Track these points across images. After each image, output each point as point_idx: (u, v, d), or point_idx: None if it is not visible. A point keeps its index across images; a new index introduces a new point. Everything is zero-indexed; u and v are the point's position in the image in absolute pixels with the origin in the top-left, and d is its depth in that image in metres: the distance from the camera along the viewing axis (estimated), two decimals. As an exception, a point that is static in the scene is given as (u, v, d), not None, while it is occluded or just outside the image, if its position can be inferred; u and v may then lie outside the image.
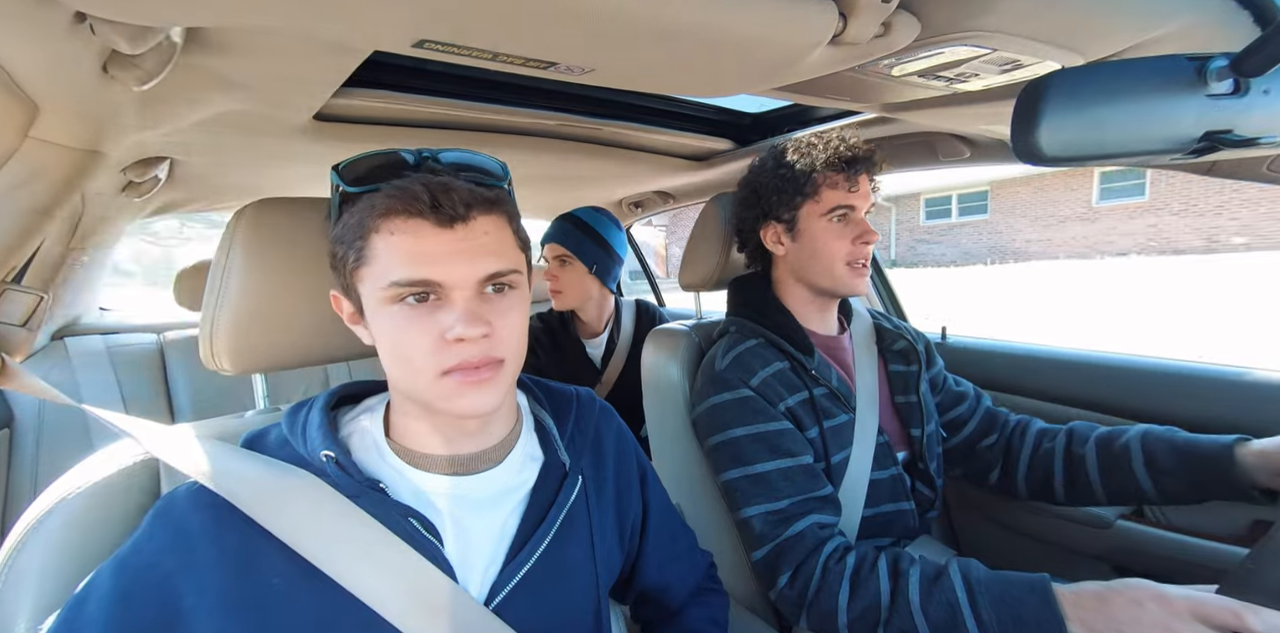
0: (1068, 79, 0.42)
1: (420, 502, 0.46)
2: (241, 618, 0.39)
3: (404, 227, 0.42)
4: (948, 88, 0.72)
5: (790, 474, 0.73)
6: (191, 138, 0.89)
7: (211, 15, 0.46)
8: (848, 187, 0.80)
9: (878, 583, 0.64)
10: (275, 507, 0.42)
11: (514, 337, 0.46)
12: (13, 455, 1.22)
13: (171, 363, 1.44)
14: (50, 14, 0.41)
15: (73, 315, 1.46)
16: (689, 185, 1.68)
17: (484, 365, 0.43)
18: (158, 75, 0.54)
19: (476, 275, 0.43)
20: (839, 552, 0.69)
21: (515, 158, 1.26)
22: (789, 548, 0.70)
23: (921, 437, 0.86)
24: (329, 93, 0.79)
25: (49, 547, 0.45)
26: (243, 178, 1.22)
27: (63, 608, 0.38)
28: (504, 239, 0.46)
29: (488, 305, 0.44)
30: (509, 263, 0.45)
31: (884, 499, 0.81)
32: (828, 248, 0.81)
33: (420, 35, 0.51)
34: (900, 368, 0.90)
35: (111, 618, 0.37)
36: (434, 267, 0.42)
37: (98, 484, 0.48)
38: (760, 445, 0.75)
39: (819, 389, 0.81)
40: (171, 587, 0.38)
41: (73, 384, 1.31)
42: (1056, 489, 0.83)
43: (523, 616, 0.47)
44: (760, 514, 0.73)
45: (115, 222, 1.28)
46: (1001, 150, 1.03)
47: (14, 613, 0.43)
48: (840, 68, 0.63)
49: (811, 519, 0.71)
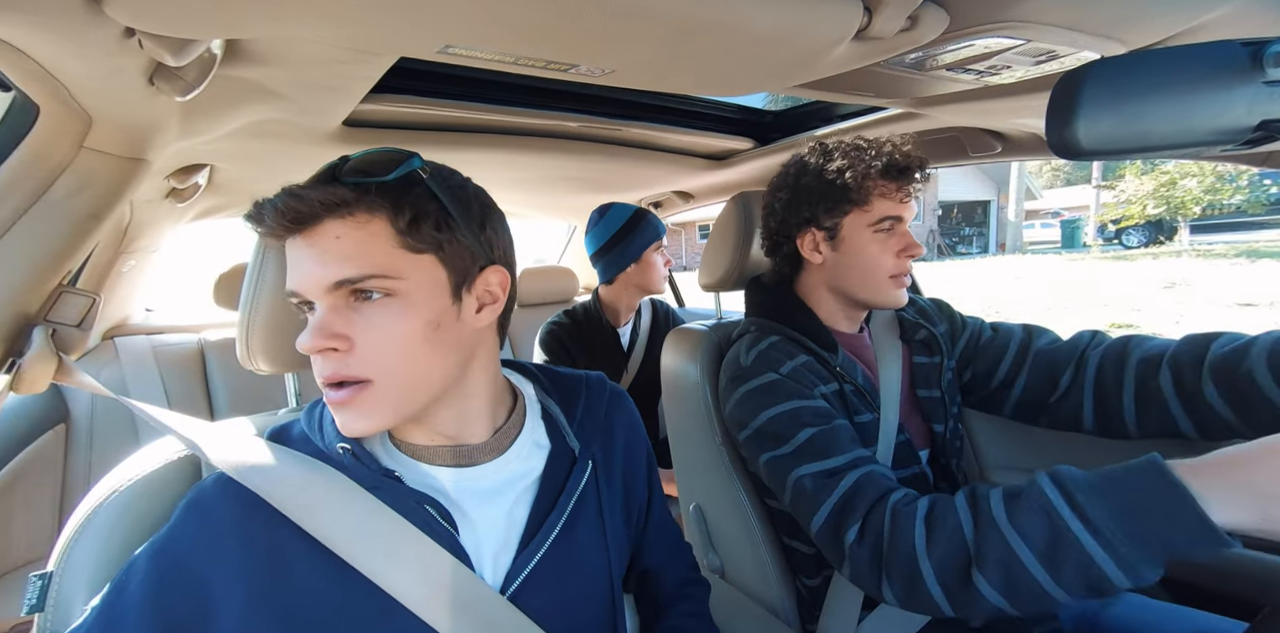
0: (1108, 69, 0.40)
1: (431, 492, 0.47)
2: (267, 606, 0.40)
3: (278, 239, 0.43)
4: (978, 81, 0.70)
5: (830, 435, 0.69)
6: (229, 145, 0.93)
7: (250, 27, 0.48)
8: (900, 197, 0.75)
9: (956, 516, 0.55)
10: (300, 499, 0.43)
11: (386, 352, 0.41)
12: (69, 449, 1.29)
13: (210, 362, 1.50)
14: (103, 30, 0.43)
15: (121, 316, 1.54)
16: (708, 185, 1.67)
17: (338, 385, 0.41)
18: (199, 86, 0.56)
19: (321, 283, 0.40)
20: (908, 497, 0.62)
21: (536, 160, 1.27)
22: (849, 500, 0.63)
23: (944, 432, 0.84)
24: (357, 99, 0.82)
25: (102, 536, 0.48)
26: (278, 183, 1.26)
27: (105, 591, 0.40)
28: (365, 242, 0.40)
29: (353, 315, 0.41)
30: (368, 267, 0.40)
31: None
32: (873, 260, 0.77)
33: (445, 41, 0.52)
34: (924, 360, 0.87)
35: (147, 602, 0.38)
36: (293, 276, 0.42)
37: (144, 478, 0.50)
38: (797, 420, 0.71)
39: (845, 386, 0.79)
40: (201, 575, 0.40)
41: (121, 382, 1.38)
42: (1183, 431, 0.69)
43: (538, 604, 0.47)
44: (810, 474, 0.67)
45: (159, 226, 1.34)
46: (1035, 144, 0.99)
47: (73, 596, 0.46)
48: (865, 63, 0.62)
49: (868, 468, 0.65)
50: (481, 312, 0.47)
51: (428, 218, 0.42)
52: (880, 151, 0.75)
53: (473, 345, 0.47)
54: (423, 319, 0.42)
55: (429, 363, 0.43)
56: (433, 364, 0.43)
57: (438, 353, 0.44)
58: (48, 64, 0.46)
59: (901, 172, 0.74)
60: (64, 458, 1.29)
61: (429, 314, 0.42)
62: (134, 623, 0.38)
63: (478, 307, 0.47)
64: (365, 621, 0.42)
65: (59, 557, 0.47)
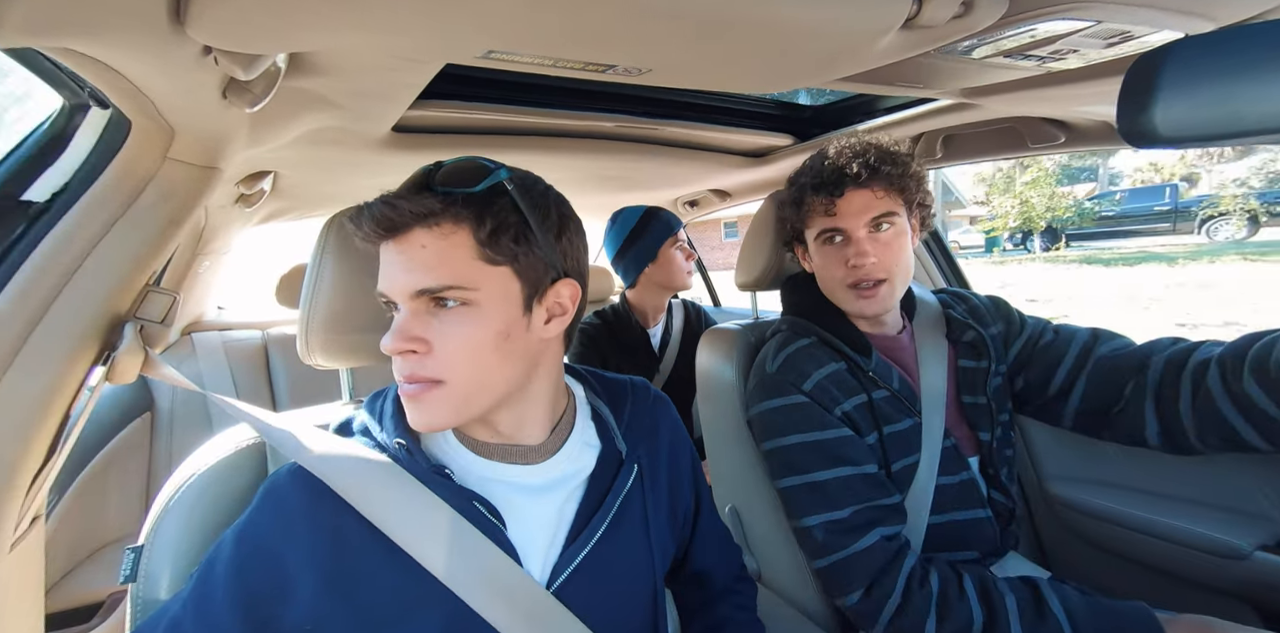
0: (1191, 48, 0.37)
1: (484, 487, 0.48)
2: (334, 587, 0.42)
3: (371, 244, 0.45)
4: (1039, 67, 0.66)
5: (850, 483, 0.70)
6: (290, 152, 0.99)
7: (312, 40, 0.52)
8: (825, 209, 0.75)
9: (969, 610, 0.60)
10: (361, 488, 0.45)
11: (460, 357, 0.43)
12: (154, 435, 1.42)
13: (273, 357, 1.60)
14: (184, 50, 0.47)
15: (197, 313, 1.67)
16: (746, 183, 1.65)
17: (416, 383, 0.43)
18: (265, 97, 0.61)
19: (405, 290, 0.43)
20: (918, 571, 0.65)
21: (574, 161, 1.29)
22: (857, 563, 0.67)
23: (991, 440, 0.79)
24: (406, 105, 0.85)
25: (183, 515, 0.52)
26: (334, 188, 1.34)
27: (197, 568, 0.44)
28: (446, 252, 0.42)
29: (432, 320, 0.43)
30: (447, 279, 0.42)
31: (954, 506, 0.76)
32: (825, 272, 0.79)
33: (488, 46, 0.54)
34: (970, 364, 0.83)
35: (232, 579, 0.42)
36: (382, 279, 0.45)
37: (219, 463, 0.55)
38: (816, 454, 0.72)
39: (878, 392, 0.77)
40: (278, 557, 0.42)
41: (197, 375, 1.50)
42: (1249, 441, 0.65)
43: (582, 600, 0.48)
44: (821, 524, 0.70)
45: (229, 230, 1.45)
46: (1104, 133, 0.92)
47: (160, 568, 0.50)
48: (912, 53, 0.59)
49: (878, 533, 0.68)
50: (550, 323, 0.48)
51: (507, 230, 0.44)
52: (813, 165, 0.77)
53: (538, 354, 0.49)
54: (494, 329, 0.44)
55: (496, 370, 0.45)
56: (500, 371, 0.45)
57: (506, 361, 0.45)
58: (138, 82, 0.50)
59: (828, 186, 0.74)
60: (149, 443, 1.41)
61: (500, 324, 0.44)
62: (222, 597, 0.41)
63: (547, 318, 0.48)
64: (421, 606, 0.44)
65: (148, 533, 0.52)
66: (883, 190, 0.74)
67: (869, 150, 0.74)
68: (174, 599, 0.43)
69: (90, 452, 1.27)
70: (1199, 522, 0.88)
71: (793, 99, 1.29)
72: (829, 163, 0.75)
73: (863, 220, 0.74)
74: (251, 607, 0.41)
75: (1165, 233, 11.30)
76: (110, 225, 0.61)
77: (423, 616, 0.44)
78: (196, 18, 0.42)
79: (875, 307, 0.76)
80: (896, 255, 0.75)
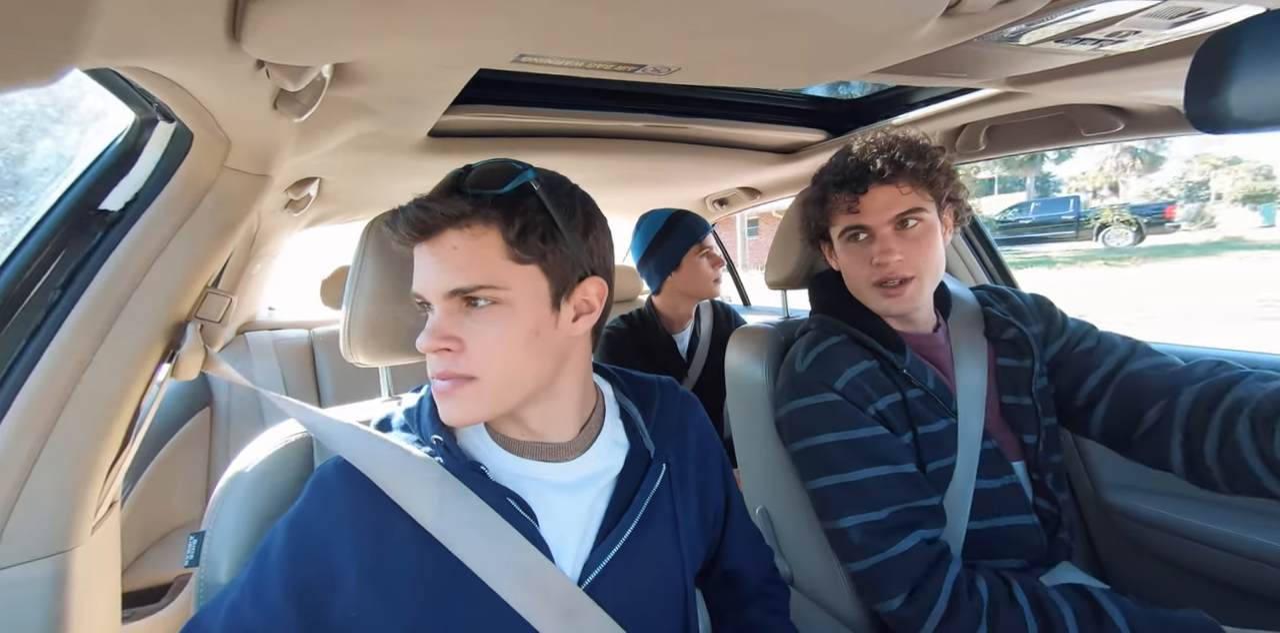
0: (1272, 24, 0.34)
1: (516, 484, 0.49)
2: (375, 579, 0.44)
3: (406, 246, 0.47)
4: (1095, 51, 0.62)
5: (888, 482, 0.68)
6: (334, 159, 1.03)
7: (355, 51, 0.54)
8: (848, 206, 0.73)
9: (1022, 619, 0.58)
10: (400, 482, 0.47)
11: (492, 355, 0.44)
12: (213, 429, 1.51)
13: (319, 355, 1.68)
14: (240, 64, 0.50)
15: (250, 313, 1.77)
16: (777, 180, 1.62)
17: (449, 379, 0.45)
18: (312, 107, 0.64)
19: (439, 290, 0.44)
20: (965, 578, 0.63)
21: (602, 161, 1.30)
22: (897, 566, 0.65)
23: (1037, 444, 0.75)
24: (440, 111, 0.88)
25: (239, 503, 0.56)
26: (375, 192, 1.40)
27: (253, 555, 0.46)
28: (477, 253, 0.44)
29: (464, 319, 0.44)
30: (478, 279, 0.43)
31: (996, 511, 0.73)
32: (850, 270, 0.77)
33: (519, 50, 0.55)
34: (1011, 363, 0.79)
35: (284, 565, 0.44)
36: (417, 280, 0.46)
37: (271, 456, 0.58)
38: (851, 452, 0.70)
39: (912, 391, 0.74)
40: (326, 546, 0.44)
41: (250, 372, 1.58)
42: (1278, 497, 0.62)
43: (613, 598, 0.48)
44: (858, 525, 0.68)
45: (279, 234, 1.53)
46: (1168, 119, 0.86)
47: (220, 553, 0.54)
48: (954, 42, 0.57)
49: (918, 535, 0.66)
50: (578, 320, 0.49)
51: (535, 229, 0.45)
52: (835, 162, 0.75)
53: (566, 351, 0.50)
54: (524, 327, 0.45)
55: (526, 366, 0.46)
56: (529, 368, 0.47)
57: (535, 358, 0.46)
58: (199, 96, 0.54)
59: (851, 183, 0.72)
60: (209, 436, 1.51)
61: (530, 322, 0.45)
62: (275, 584, 0.43)
63: (574, 315, 0.49)
64: (459, 600, 0.45)
65: (208, 520, 0.55)
66: (909, 186, 0.72)
67: (894, 145, 0.72)
68: (232, 584, 0.46)
69: (157, 444, 1.37)
70: (1265, 532, 0.82)
71: (826, 93, 1.26)
72: (852, 159, 0.73)
73: (887, 217, 0.72)
74: (303, 593, 0.43)
75: (1070, 240, 12.96)
76: (175, 232, 0.66)
77: (461, 610, 0.45)
78: (251, 34, 0.44)
79: (901, 305, 0.74)
80: (925, 252, 0.72)
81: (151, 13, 0.37)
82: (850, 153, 0.74)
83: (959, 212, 0.78)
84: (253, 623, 0.42)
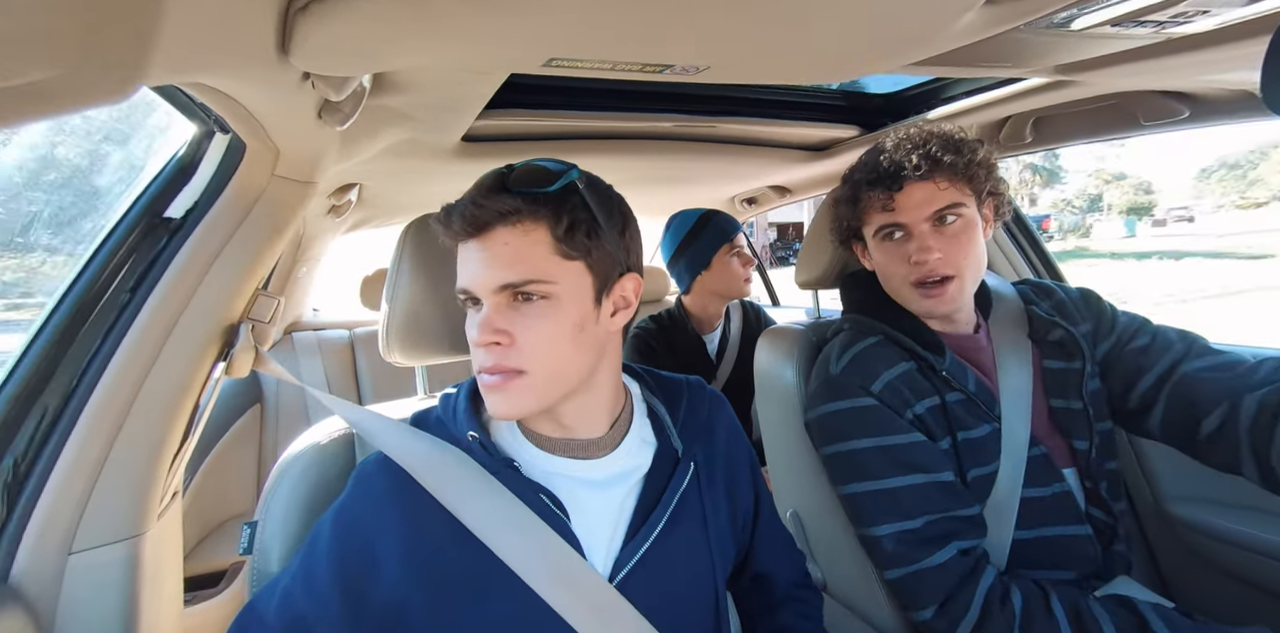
0: None
1: (548, 480, 0.50)
2: (416, 569, 0.45)
3: (458, 242, 0.47)
4: (1156, 34, 0.57)
5: (924, 491, 0.66)
6: (373, 165, 1.07)
7: (394, 60, 0.56)
8: (883, 204, 0.70)
9: (1058, 631, 0.55)
10: (438, 477, 0.48)
11: (541, 348, 0.45)
12: (263, 425, 1.59)
13: (359, 354, 1.75)
14: (288, 76, 0.52)
15: (296, 314, 1.85)
16: (808, 178, 1.59)
17: (497, 373, 0.45)
18: (353, 116, 0.66)
19: (491, 285, 0.45)
20: (999, 588, 0.61)
21: (630, 162, 1.30)
22: (930, 577, 0.63)
23: (1089, 450, 0.71)
24: (474, 116, 0.90)
25: (287, 495, 0.58)
26: (410, 197, 1.45)
27: (303, 545, 0.49)
28: (527, 249, 0.45)
29: (514, 314, 0.45)
30: (529, 273, 0.44)
31: (1045, 520, 0.69)
32: (887, 269, 0.74)
33: (549, 54, 0.56)
34: (1058, 364, 0.74)
35: (332, 558, 0.46)
36: (464, 276, 0.47)
37: (317, 450, 0.61)
38: (885, 459, 0.68)
39: (952, 395, 0.71)
40: (369, 537, 0.46)
41: (297, 370, 1.66)
42: None
43: (643, 596, 0.49)
44: (893, 534, 0.66)
45: (323, 239, 1.60)
46: (1240, 104, 0.80)
47: (271, 542, 0.57)
48: (999, 30, 0.54)
49: (954, 546, 0.63)
50: (615, 316, 0.50)
51: (580, 226, 0.46)
52: (868, 160, 0.73)
53: (604, 345, 0.51)
54: (571, 321, 0.46)
55: (571, 360, 0.47)
56: (574, 361, 0.48)
57: (579, 352, 0.48)
58: (250, 108, 0.57)
59: (885, 180, 0.69)
60: (260, 431, 1.59)
61: (576, 316, 0.47)
62: (324, 572, 0.45)
63: (613, 311, 0.50)
64: (494, 594, 0.46)
65: (260, 510, 0.59)
66: (946, 181, 0.69)
67: (929, 140, 0.69)
68: (284, 572, 0.48)
69: (214, 438, 1.45)
70: None
71: (858, 88, 1.23)
72: (885, 157, 0.71)
73: (924, 214, 0.69)
74: (349, 582, 0.45)
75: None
76: (230, 237, 0.70)
77: (496, 603, 0.46)
78: (299, 47, 0.47)
79: (943, 306, 0.71)
80: (965, 249, 0.69)
81: (210, 31, 0.40)
82: (883, 149, 0.72)
83: (1000, 205, 0.75)
84: (304, 609, 0.45)
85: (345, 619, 0.44)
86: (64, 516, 0.61)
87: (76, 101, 0.29)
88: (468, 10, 0.44)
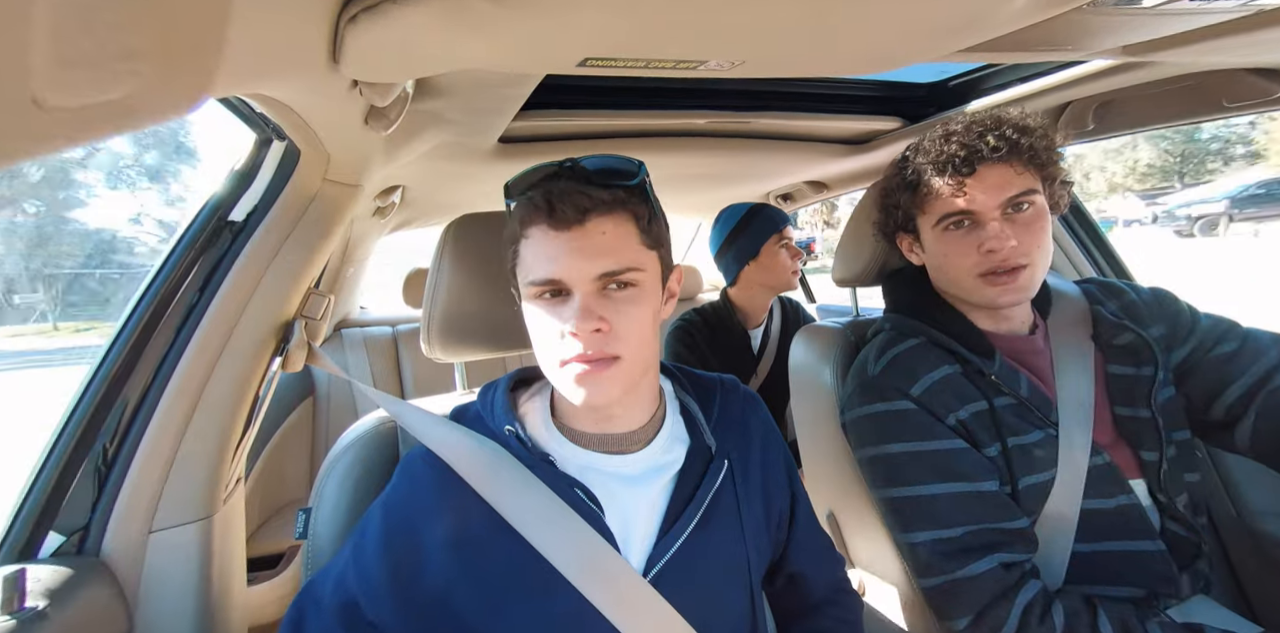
0: None
1: (582, 475, 0.51)
2: (458, 557, 0.47)
3: (534, 232, 0.47)
4: (1242, 7, 0.52)
5: (963, 501, 0.63)
6: (415, 168, 1.11)
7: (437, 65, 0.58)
8: (952, 191, 0.66)
9: None
10: (476, 470, 0.50)
11: (633, 334, 0.46)
12: (315, 416, 1.68)
13: (401, 350, 1.82)
14: (337, 84, 0.55)
15: (345, 312, 1.94)
16: (846, 172, 1.54)
17: (596, 360, 0.45)
18: (397, 121, 0.69)
19: (591, 273, 0.46)
20: (1039, 602, 0.58)
21: (665, 159, 1.30)
22: (967, 588, 0.61)
23: (1159, 461, 0.66)
24: (510, 117, 0.92)
25: (338, 484, 0.62)
26: (451, 197, 1.49)
27: (354, 532, 0.51)
28: (622, 238, 0.47)
29: (607, 302, 0.46)
30: (626, 261, 0.46)
31: (1109, 534, 0.65)
32: (949, 261, 0.69)
33: (584, 54, 0.56)
34: (1125, 370, 0.69)
35: (382, 544, 0.48)
36: (555, 266, 0.46)
37: (364, 441, 0.64)
38: (922, 465, 0.65)
39: (1001, 399, 0.67)
40: (414, 526, 0.48)
41: (345, 366, 1.74)
42: None
43: (676, 591, 0.49)
44: (929, 542, 0.64)
45: (368, 240, 1.67)
46: None
47: (323, 528, 0.60)
48: (1060, 10, 0.50)
49: (996, 558, 0.60)
50: (667, 304, 0.53)
51: (655, 218, 0.50)
52: (934, 144, 0.68)
53: (657, 334, 0.53)
54: (652, 308, 0.49)
55: (652, 346, 0.50)
56: (652, 347, 0.50)
57: (654, 338, 0.50)
58: (304, 115, 0.60)
59: (955, 164, 0.65)
60: (312, 422, 1.68)
61: (655, 304, 0.50)
62: (374, 557, 0.48)
63: (666, 299, 0.53)
64: (532, 586, 0.47)
65: (314, 498, 0.62)
66: (1021, 166, 0.65)
67: (1002, 123, 0.66)
68: (338, 557, 0.51)
69: (271, 428, 1.55)
70: None
71: (901, 77, 1.18)
72: (956, 139, 0.67)
73: (998, 200, 0.65)
74: (398, 567, 0.47)
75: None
76: (285, 238, 0.74)
77: (535, 595, 0.47)
78: (348, 56, 0.49)
79: (1012, 295, 0.66)
80: (1038, 238, 0.65)
81: (270, 44, 0.42)
82: (952, 132, 0.68)
83: (1063, 195, 0.70)
84: (356, 592, 0.47)
85: (396, 602, 0.46)
86: (144, 498, 0.66)
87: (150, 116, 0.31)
88: (505, 14, 0.45)
